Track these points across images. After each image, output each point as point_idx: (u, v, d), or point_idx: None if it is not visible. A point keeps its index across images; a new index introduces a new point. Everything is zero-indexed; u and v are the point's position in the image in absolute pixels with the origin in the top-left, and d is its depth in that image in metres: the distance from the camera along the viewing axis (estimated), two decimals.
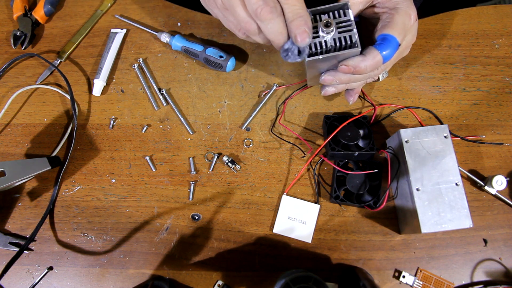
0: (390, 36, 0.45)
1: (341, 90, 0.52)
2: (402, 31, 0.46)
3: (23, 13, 0.64)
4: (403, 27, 0.46)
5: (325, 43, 0.44)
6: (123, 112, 0.60)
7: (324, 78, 0.49)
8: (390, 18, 0.46)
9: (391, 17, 0.46)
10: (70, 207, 0.56)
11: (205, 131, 0.59)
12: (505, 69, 0.60)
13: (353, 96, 0.54)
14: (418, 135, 0.51)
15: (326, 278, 0.52)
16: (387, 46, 0.45)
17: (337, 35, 0.44)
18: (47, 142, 0.59)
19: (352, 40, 0.44)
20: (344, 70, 0.46)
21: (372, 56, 0.45)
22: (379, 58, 0.45)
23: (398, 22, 0.46)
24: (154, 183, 0.57)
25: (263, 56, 0.62)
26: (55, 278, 0.53)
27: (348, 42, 0.44)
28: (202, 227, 0.55)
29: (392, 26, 0.46)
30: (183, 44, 0.60)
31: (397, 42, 0.45)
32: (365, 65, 0.45)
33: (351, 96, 0.54)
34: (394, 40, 0.45)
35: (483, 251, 0.53)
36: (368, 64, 0.45)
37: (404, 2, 0.47)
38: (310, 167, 0.57)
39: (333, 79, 0.48)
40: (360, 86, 0.53)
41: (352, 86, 0.52)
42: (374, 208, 0.53)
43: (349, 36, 0.44)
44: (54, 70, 0.62)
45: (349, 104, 0.57)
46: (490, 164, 0.56)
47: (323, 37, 0.44)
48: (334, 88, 0.51)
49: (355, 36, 0.44)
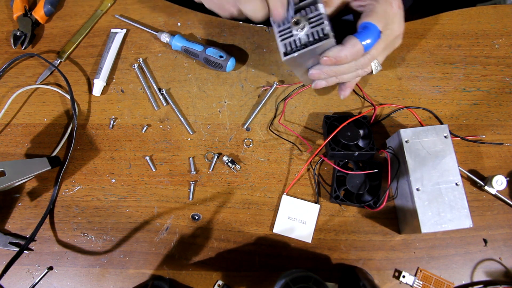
0: (370, 24, 0.45)
1: (332, 83, 0.52)
2: (383, 19, 0.46)
3: (23, 13, 0.64)
4: (384, 15, 0.46)
5: (299, 40, 0.46)
6: (123, 112, 0.60)
7: (311, 72, 0.50)
8: (370, 7, 0.47)
9: (371, 6, 0.47)
10: (70, 207, 0.56)
11: (205, 131, 0.59)
12: (505, 69, 0.60)
13: (345, 91, 0.54)
14: (418, 135, 0.51)
15: (326, 278, 0.52)
16: (367, 34, 0.45)
17: (310, 30, 0.45)
18: (47, 142, 0.59)
19: (324, 32, 0.45)
20: (326, 62, 0.46)
21: (351, 45, 0.45)
22: (359, 46, 0.45)
23: (378, 11, 0.46)
24: (154, 183, 0.57)
25: (263, 56, 0.62)
26: (55, 278, 0.53)
27: (321, 35, 0.45)
28: (202, 227, 0.55)
29: (372, 14, 0.46)
30: (183, 44, 0.60)
31: (377, 29, 0.45)
32: (345, 54, 0.45)
33: (343, 91, 0.54)
34: (374, 28, 0.45)
35: (483, 251, 0.53)
36: (348, 53, 0.45)
37: None
38: (310, 167, 0.57)
39: (320, 72, 0.49)
40: (353, 81, 0.53)
41: (343, 79, 0.51)
42: (374, 208, 0.53)
43: (321, 29, 0.45)
44: (54, 70, 0.62)
45: (341, 99, 0.56)
46: (490, 164, 0.56)
47: (296, 35, 0.46)
48: (325, 82, 0.51)
49: (327, 28, 0.45)
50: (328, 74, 0.49)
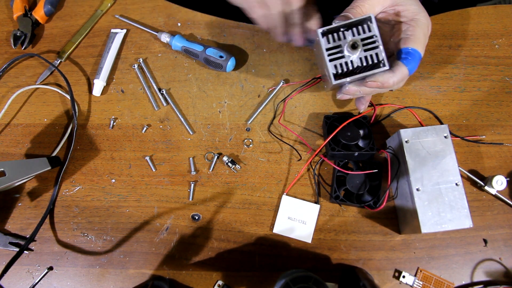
0: (414, 50, 0.46)
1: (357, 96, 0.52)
2: (424, 44, 0.47)
3: (23, 13, 0.63)
4: (424, 39, 0.47)
5: (351, 63, 0.44)
6: (123, 112, 0.60)
7: (349, 89, 0.48)
8: (412, 31, 0.46)
9: (412, 29, 0.46)
10: (70, 207, 0.56)
11: (205, 131, 0.59)
12: (505, 69, 0.60)
13: (364, 104, 0.55)
14: (418, 135, 0.51)
15: (326, 278, 0.52)
16: (413, 60, 0.45)
17: (363, 54, 0.44)
18: (47, 142, 0.59)
19: (379, 58, 0.44)
20: (372, 85, 0.46)
21: (400, 72, 0.45)
22: (405, 72, 0.45)
23: (420, 36, 0.46)
24: (154, 183, 0.57)
25: (263, 56, 0.62)
26: (55, 278, 0.53)
27: (375, 61, 0.44)
28: (202, 227, 0.55)
29: (415, 40, 0.46)
30: (183, 44, 0.60)
31: (420, 56, 0.46)
32: (393, 81, 0.45)
33: (363, 104, 0.55)
34: (418, 54, 0.46)
35: (483, 251, 0.53)
36: (396, 80, 0.45)
37: (423, 13, 0.47)
38: (310, 167, 0.57)
39: (358, 90, 0.48)
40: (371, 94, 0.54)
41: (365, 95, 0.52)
42: (374, 208, 0.53)
43: (375, 54, 0.44)
44: (54, 70, 0.62)
45: (360, 111, 0.57)
46: (490, 164, 0.56)
47: (348, 56, 0.44)
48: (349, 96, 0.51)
49: (382, 54, 0.44)
50: (366, 93, 0.49)
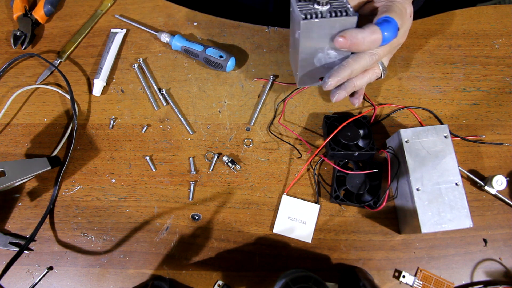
0: (391, 18, 0.44)
1: (350, 91, 0.51)
2: (400, 18, 0.45)
3: (23, 13, 0.64)
4: (401, 14, 0.46)
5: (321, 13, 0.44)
6: (123, 112, 0.60)
7: (329, 83, 0.47)
8: (389, 6, 0.46)
9: (389, 5, 0.46)
10: (70, 207, 0.56)
11: (205, 131, 0.59)
12: (505, 69, 0.60)
13: (358, 99, 0.55)
14: (418, 135, 0.51)
15: (326, 278, 0.52)
16: (388, 26, 0.44)
17: (332, 8, 0.44)
18: (47, 142, 0.59)
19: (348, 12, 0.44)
20: (341, 43, 0.44)
21: (370, 30, 0.44)
22: (378, 35, 0.44)
23: (396, 9, 0.46)
24: (154, 183, 0.57)
25: (263, 56, 0.62)
26: (55, 278, 0.53)
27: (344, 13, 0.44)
28: (202, 227, 0.55)
29: (392, 10, 0.45)
30: (183, 44, 0.60)
31: (397, 25, 0.45)
32: (363, 37, 0.43)
33: (356, 99, 0.55)
34: (394, 22, 0.44)
35: (483, 251, 0.53)
36: (367, 37, 0.43)
37: None
38: (310, 167, 0.57)
39: (338, 79, 0.47)
40: (364, 87, 0.53)
41: (357, 86, 0.51)
42: (374, 208, 0.53)
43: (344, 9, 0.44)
44: (54, 70, 0.62)
45: (354, 106, 0.57)
46: (490, 164, 0.56)
47: (317, 9, 0.44)
48: (345, 92, 0.50)
49: (350, 9, 0.44)
50: (344, 77, 0.47)
